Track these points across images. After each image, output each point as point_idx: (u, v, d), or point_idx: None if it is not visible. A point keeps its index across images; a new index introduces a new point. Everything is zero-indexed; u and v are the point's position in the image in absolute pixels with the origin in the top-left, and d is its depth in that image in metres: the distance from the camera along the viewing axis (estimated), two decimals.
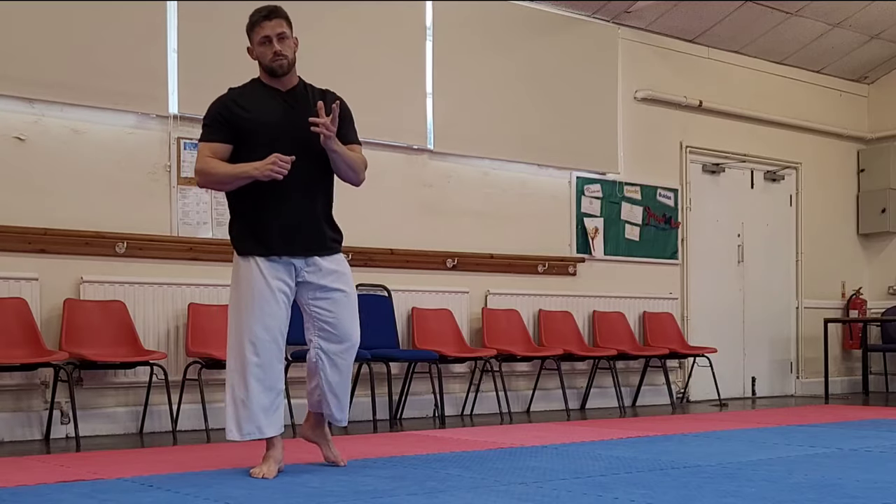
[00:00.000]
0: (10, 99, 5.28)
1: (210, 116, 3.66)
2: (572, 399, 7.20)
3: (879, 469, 3.84)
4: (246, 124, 3.61)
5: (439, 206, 6.88)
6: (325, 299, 3.70)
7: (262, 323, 3.58)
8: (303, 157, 3.59)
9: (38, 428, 5.23)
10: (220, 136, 3.62)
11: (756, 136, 8.82)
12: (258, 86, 3.71)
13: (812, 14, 8.21)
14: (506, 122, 7.16)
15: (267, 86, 3.70)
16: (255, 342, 3.57)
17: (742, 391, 8.73)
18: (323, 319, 3.71)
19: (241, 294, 3.62)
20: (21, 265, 5.25)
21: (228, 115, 3.62)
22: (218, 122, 3.63)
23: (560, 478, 3.55)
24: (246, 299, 3.60)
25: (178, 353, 5.68)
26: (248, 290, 3.60)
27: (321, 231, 3.72)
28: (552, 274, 7.42)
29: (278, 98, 3.68)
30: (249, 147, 3.59)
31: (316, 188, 3.71)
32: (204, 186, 3.74)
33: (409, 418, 6.40)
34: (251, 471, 3.63)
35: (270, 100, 3.67)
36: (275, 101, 3.67)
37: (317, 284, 3.69)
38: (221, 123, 3.62)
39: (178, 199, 5.80)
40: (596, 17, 7.71)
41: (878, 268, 9.62)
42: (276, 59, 3.61)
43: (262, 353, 3.58)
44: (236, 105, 3.64)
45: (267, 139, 3.58)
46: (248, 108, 3.63)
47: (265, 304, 3.59)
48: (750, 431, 5.42)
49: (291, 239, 3.63)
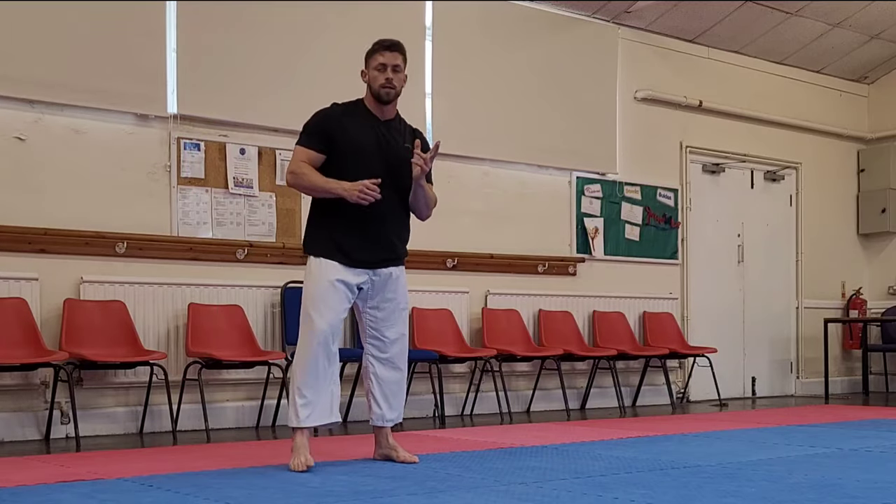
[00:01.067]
0: (10, 99, 5.28)
1: (313, 124, 3.94)
2: (572, 399, 7.20)
3: (879, 469, 3.84)
4: (343, 142, 3.89)
5: (439, 206, 6.82)
6: (382, 311, 4.00)
7: (325, 318, 3.81)
8: (387, 185, 3.86)
9: (38, 428, 5.23)
10: (317, 146, 3.90)
11: (756, 136, 8.82)
12: (361, 109, 3.99)
13: (812, 14, 8.22)
14: (506, 123, 7.16)
15: (369, 111, 3.98)
16: (325, 333, 3.80)
17: (742, 391, 8.73)
18: (377, 329, 4.01)
19: (308, 290, 3.88)
20: (21, 265, 5.25)
21: (330, 129, 3.90)
22: (319, 132, 3.91)
23: (560, 478, 3.55)
24: (312, 295, 3.85)
25: (178, 353, 5.68)
26: (315, 286, 3.86)
27: (395, 246, 4.00)
28: (552, 274, 7.42)
29: (376, 125, 3.96)
30: (341, 164, 3.88)
31: (393, 215, 3.99)
32: (291, 186, 3.99)
33: (409, 418, 6.39)
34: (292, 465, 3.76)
35: (369, 126, 3.95)
36: (373, 128, 3.95)
37: (375, 295, 3.98)
38: (322, 134, 3.91)
39: (178, 199, 5.80)
40: (596, 17, 7.71)
41: (878, 268, 9.62)
42: (386, 86, 3.91)
43: (323, 345, 3.81)
44: (339, 122, 3.92)
45: (359, 161, 3.86)
46: (349, 127, 3.91)
47: (329, 300, 3.83)
48: (750, 431, 5.42)
49: (363, 252, 3.90)
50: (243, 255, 5.95)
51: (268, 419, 5.88)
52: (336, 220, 3.90)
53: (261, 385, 5.80)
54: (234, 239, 5.95)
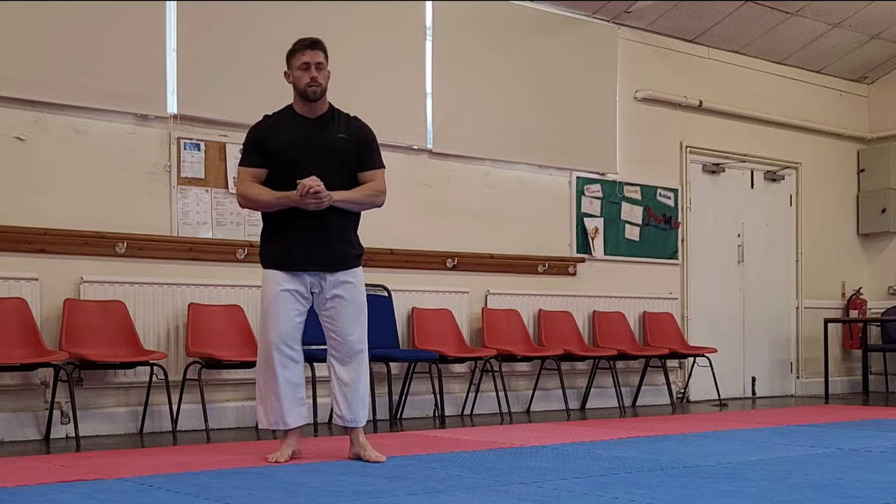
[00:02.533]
0: (9, 99, 5.28)
1: (247, 142, 4.09)
2: (572, 399, 7.20)
3: (879, 469, 3.84)
4: (275, 150, 4.00)
5: (439, 206, 6.88)
6: (331, 309, 4.05)
7: (274, 329, 3.98)
8: (328, 176, 3.93)
9: (38, 428, 5.23)
10: (256, 162, 4.04)
11: (756, 136, 8.82)
12: (289, 113, 4.08)
13: (812, 14, 8.22)
14: (506, 123, 7.16)
15: (297, 113, 4.06)
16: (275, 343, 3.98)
17: (742, 391, 8.73)
18: (328, 327, 4.08)
19: (261, 302, 4.08)
20: (21, 265, 5.25)
21: (262, 142, 4.03)
22: (253, 148, 4.05)
23: (560, 478, 3.55)
24: (262, 307, 4.05)
25: (178, 353, 5.68)
26: (264, 298, 4.04)
27: (337, 249, 4.04)
28: (552, 274, 7.42)
29: (307, 124, 4.04)
30: (277, 171, 3.99)
31: (335, 214, 4.01)
32: (244, 208, 4.16)
33: (409, 418, 6.40)
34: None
35: (299, 126, 4.03)
36: (302, 128, 4.03)
37: (326, 296, 4.04)
38: (256, 149, 4.04)
39: (178, 199, 5.80)
40: (596, 17, 7.71)
41: (878, 268, 9.62)
42: (312, 84, 3.97)
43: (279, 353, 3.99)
44: (267, 132, 4.04)
45: (293, 164, 3.94)
46: (278, 134, 4.02)
47: (276, 311, 3.98)
48: (750, 431, 5.42)
49: (305, 256, 4.00)
50: (243, 255, 5.95)
51: None
52: (279, 229, 4.03)
53: None
54: (234, 239, 5.95)
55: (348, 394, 4.07)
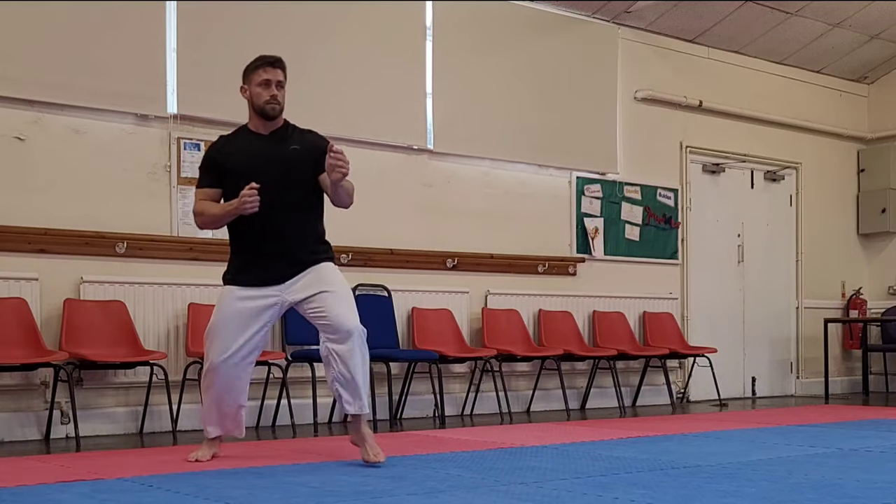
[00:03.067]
0: (10, 99, 5.28)
1: (202, 164, 4.13)
2: (572, 399, 7.20)
3: (879, 469, 3.84)
4: (229, 170, 3.99)
5: (439, 206, 6.88)
6: (314, 302, 3.95)
7: (216, 348, 3.94)
8: (283, 188, 3.93)
9: (38, 428, 5.23)
10: (209, 183, 4.06)
11: (756, 136, 8.82)
12: (243, 131, 4.10)
13: (812, 14, 8.22)
14: (506, 122, 7.16)
15: (251, 131, 4.07)
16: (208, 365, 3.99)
17: (742, 391, 8.73)
18: (319, 317, 3.94)
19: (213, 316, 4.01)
20: (21, 265, 5.25)
21: (215, 163, 4.04)
22: (206, 169, 4.08)
23: (560, 478, 3.55)
24: (212, 323, 3.99)
25: (178, 353, 5.68)
26: (213, 316, 3.99)
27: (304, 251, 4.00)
28: (552, 274, 7.42)
29: (260, 140, 4.04)
30: (234, 188, 3.92)
31: (299, 216, 4.01)
32: (201, 227, 4.15)
33: (409, 418, 6.40)
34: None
35: (253, 142, 4.03)
36: (256, 144, 4.03)
37: (303, 297, 3.96)
38: (209, 170, 4.07)
39: (178, 199, 5.80)
40: (596, 17, 7.71)
41: (878, 268, 9.62)
42: (271, 102, 3.97)
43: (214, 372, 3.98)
44: (220, 153, 4.06)
45: (247, 178, 3.88)
46: (232, 153, 4.03)
47: (226, 331, 3.94)
48: (750, 431, 5.42)
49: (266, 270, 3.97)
50: None
51: (268, 419, 5.88)
52: (240, 244, 4.05)
53: (261, 385, 5.79)
54: None
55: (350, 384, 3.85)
